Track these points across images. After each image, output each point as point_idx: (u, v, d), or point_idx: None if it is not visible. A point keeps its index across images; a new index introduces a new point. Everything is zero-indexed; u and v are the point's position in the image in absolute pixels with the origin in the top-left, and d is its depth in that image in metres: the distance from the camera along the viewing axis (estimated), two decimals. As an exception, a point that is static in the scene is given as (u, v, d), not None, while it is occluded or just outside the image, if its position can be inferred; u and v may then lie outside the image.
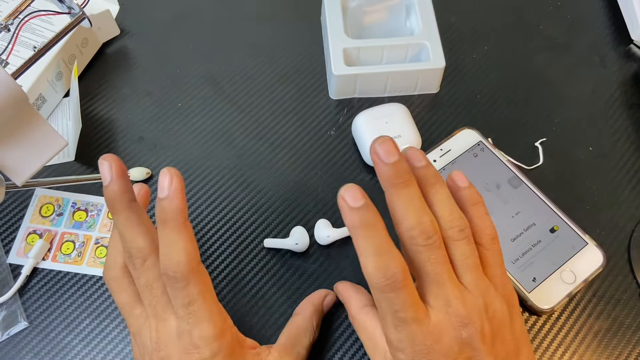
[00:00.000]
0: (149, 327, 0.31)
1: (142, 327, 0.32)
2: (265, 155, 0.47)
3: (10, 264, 0.42)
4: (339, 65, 0.47)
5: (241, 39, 0.53)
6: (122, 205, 0.30)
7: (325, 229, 0.42)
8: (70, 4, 0.41)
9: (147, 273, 0.31)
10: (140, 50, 0.52)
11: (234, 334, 0.32)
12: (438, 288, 0.29)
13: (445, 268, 0.29)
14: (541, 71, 0.51)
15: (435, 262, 0.29)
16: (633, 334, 0.40)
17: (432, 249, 0.29)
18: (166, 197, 0.29)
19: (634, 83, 0.51)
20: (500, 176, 0.44)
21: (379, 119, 0.45)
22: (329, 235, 0.41)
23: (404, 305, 0.28)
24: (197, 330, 0.30)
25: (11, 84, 0.33)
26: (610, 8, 0.55)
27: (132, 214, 0.31)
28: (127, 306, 0.32)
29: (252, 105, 0.49)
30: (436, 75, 0.48)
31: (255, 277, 0.42)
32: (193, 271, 0.29)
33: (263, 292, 0.41)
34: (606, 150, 0.47)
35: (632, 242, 0.43)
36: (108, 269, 0.33)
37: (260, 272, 0.42)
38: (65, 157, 0.46)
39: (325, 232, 0.41)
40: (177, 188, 0.29)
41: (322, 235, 0.42)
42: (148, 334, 0.31)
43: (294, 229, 0.42)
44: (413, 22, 0.50)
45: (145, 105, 0.49)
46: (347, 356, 0.39)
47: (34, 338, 0.40)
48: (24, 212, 0.44)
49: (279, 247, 0.42)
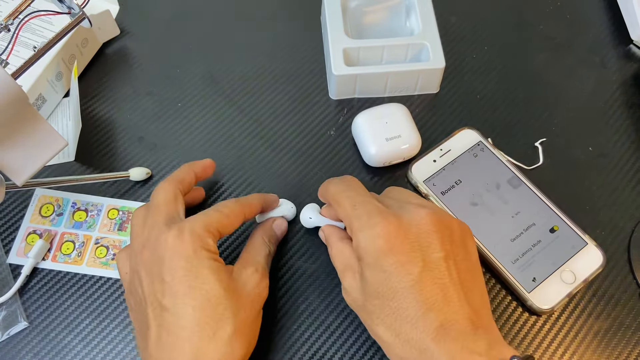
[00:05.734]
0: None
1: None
2: (265, 155, 0.47)
3: (10, 264, 0.42)
4: (339, 65, 0.47)
5: (241, 39, 0.53)
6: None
7: (309, 211, 0.42)
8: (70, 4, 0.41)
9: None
10: (140, 50, 0.52)
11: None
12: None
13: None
14: (541, 71, 0.51)
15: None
16: (633, 334, 0.40)
17: None
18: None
19: (634, 83, 0.51)
20: (500, 176, 0.44)
21: (379, 119, 0.45)
22: (311, 217, 0.42)
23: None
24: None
25: (11, 84, 0.33)
26: (610, 8, 0.55)
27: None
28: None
29: (252, 105, 0.49)
30: (436, 75, 0.48)
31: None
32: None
33: (263, 292, 0.41)
34: (606, 150, 0.47)
35: (632, 242, 0.43)
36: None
37: (260, 272, 0.42)
38: (65, 157, 0.46)
39: (307, 214, 0.42)
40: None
41: (305, 217, 0.42)
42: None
43: (280, 201, 0.43)
44: (413, 22, 0.50)
45: (145, 105, 0.49)
46: (347, 356, 0.39)
47: (34, 338, 0.40)
48: (24, 212, 0.44)
49: (271, 216, 0.43)
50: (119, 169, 0.46)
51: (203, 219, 0.35)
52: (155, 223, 0.35)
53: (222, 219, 0.35)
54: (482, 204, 0.43)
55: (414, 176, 0.44)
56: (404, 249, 0.32)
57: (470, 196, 0.43)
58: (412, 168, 0.45)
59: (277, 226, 0.42)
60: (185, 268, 0.33)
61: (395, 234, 0.32)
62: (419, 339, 0.30)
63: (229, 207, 0.37)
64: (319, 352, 0.39)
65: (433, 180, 0.44)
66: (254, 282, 0.36)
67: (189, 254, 0.33)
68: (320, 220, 0.41)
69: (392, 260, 0.31)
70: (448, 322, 0.30)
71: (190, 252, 0.33)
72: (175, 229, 0.34)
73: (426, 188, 0.44)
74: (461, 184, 0.44)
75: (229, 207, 0.37)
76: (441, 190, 0.44)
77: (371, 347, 0.39)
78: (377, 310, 0.32)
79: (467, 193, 0.43)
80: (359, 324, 0.40)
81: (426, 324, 0.30)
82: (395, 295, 0.31)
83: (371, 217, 0.33)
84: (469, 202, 0.43)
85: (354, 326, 0.40)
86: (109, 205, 0.44)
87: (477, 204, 0.43)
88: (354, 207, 0.34)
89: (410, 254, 0.31)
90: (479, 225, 0.42)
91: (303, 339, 0.40)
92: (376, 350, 0.39)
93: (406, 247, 0.32)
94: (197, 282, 0.32)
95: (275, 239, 0.41)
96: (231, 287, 0.34)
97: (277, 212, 0.42)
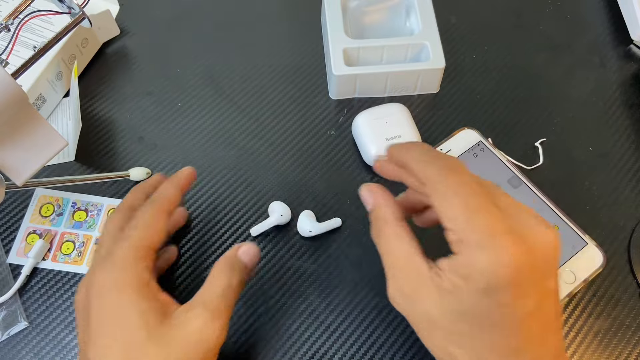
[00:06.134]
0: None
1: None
2: (265, 155, 0.47)
3: (10, 264, 0.42)
4: (339, 65, 0.47)
5: (241, 38, 0.53)
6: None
7: (307, 223, 0.42)
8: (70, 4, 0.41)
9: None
10: (140, 50, 0.52)
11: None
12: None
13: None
14: (541, 71, 0.51)
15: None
16: (633, 334, 0.40)
17: None
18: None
19: (634, 83, 0.51)
20: (500, 176, 0.44)
21: (379, 119, 0.45)
22: (310, 230, 0.42)
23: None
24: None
25: (11, 84, 0.33)
26: (610, 8, 0.55)
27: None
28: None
29: (252, 105, 0.49)
30: (436, 75, 0.48)
31: (255, 277, 0.42)
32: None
33: (262, 292, 0.41)
34: (606, 150, 0.47)
35: (632, 242, 0.43)
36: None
37: (259, 272, 0.42)
38: (65, 157, 0.46)
39: (307, 227, 0.42)
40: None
41: (304, 229, 0.42)
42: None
43: (271, 206, 0.43)
44: (413, 22, 0.50)
45: (145, 105, 0.49)
46: (347, 356, 0.39)
47: (34, 338, 0.40)
48: (24, 212, 0.44)
49: (266, 228, 0.43)
50: (119, 169, 0.46)
51: (127, 244, 0.31)
52: (99, 250, 0.32)
53: (146, 235, 0.32)
54: (482, 204, 0.43)
55: (414, 176, 0.44)
56: (527, 282, 0.26)
57: (470, 196, 0.43)
58: (412, 168, 0.45)
59: (244, 253, 0.35)
60: (110, 310, 0.29)
61: (523, 264, 0.26)
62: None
63: (145, 215, 0.33)
64: (319, 352, 0.39)
65: (433, 180, 0.44)
66: (198, 326, 0.30)
67: (116, 294, 0.30)
68: (319, 229, 0.42)
69: (510, 293, 0.26)
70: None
71: (117, 292, 0.29)
72: (108, 261, 0.31)
73: (426, 188, 0.44)
74: (461, 184, 0.44)
75: (145, 216, 0.33)
76: (441, 190, 0.44)
77: (371, 347, 0.39)
78: (464, 334, 0.27)
79: (467, 193, 0.43)
80: (359, 324, 0.40)
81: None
82: (495, 327, 0.27)
83: (496, 237, 0.26)
84: (469, 202, 0.43)
85: (354, 326, 0.40)
86: (109, 205, 0.44)
87: (477, 204, 0.43)
88: (468, 209, 0.27)
89: (531, 287, 0.27)
90: (479, 225, 0.42)
91: (303, 339, 0.40)
92: (376, 350, 0.39)
93: (530, 279, 0.26)
94: (119, 328, 0.29)
95: (242, 267, 0.34)
96: (160, 334, 0.29)
97: (271, 218, 0.42)
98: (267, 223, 0.42)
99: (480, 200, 0.27)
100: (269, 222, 0.42)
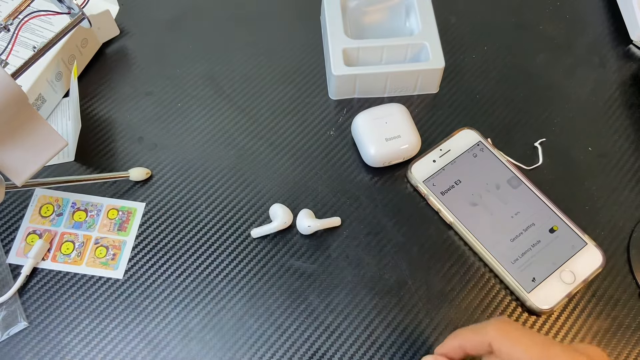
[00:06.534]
0: None
1: None
2: (265, 155, 0.47)
3: (10, 264, 0.42)
4: (339, 65, 0.47)
5: (241, 39, 0.53)
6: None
7: (306, 219, 0.42)
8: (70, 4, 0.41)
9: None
10: (140, 50, 0.52)
11: None
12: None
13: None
14: (541, 71, 0.51)
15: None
16: (633, 334, 0.40)
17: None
18: None
19: (633, 83, 0.51)
20: (500, 176, 0.44)
21: (379, 119, 0.45)
22: (309, 225, 0.42)
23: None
24: None
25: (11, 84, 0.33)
26: (610, 8, 0.55)
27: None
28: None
29: (252, 105, 0.49)
30: (436, 75, 0.48)
31: (255, 277, 0.42)
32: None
33: (262, 292, 0.41)
34: (606, 150, 0.47)
35: (632, 242, 0.43)
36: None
37: (260, 272, 0.42)
38: (65, 157, 0.46)
39: (306, 222, 0.42)
40: None
41: (303, 225, 0.42)
42: None
43: (272, 208, 0.43)
44: (413, 22, 0.50)
45: (145, 105, 0.49)
46: (347, 356, 0.39)
47: (34, 338, 0.40)
48: (23, 212, 0.44)
49: (267, 233, 0.43)
50: (119, 169, 0.46)
51: None
52: None
53: None
54: (482, 204, 0.43)
55: (413, 176, 0.44)
56: None
57: (469, 196, 0.43)
58: (412, 168, 0.45)
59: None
60: None
61: None
62: None
63: None
64: (319, 352, 0.39)
65: (433, 181, 0.44)
66: None
67: None
68: (317, 225, 0.42)
69: None
70: None
71: None
72: None
73: (426, 188, 0.44)
74: (461, 184, 0.44)
75: None
76: (441, 190, 0.44)
77: (371, 347, 0.39)
78: None
79: (467, 193, 0.44)
80: (358, 324, 0.40)
81: None
82: None
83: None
84: (469, 202, 0.43)
85: (353, 326, 0.40)
86: (109, 206, 0.44)
87: (476, 204, 0.43)
88: None
89: None
90: (478, 225, 0.42)
91: (303, 339, 0.40)
92: (376, 350, 0.39)
93: None
94: None
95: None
96: None
97: (274, 223, 0.42)
98: (268, 228, 0.42)
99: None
100: (271, 227, 0.42)
